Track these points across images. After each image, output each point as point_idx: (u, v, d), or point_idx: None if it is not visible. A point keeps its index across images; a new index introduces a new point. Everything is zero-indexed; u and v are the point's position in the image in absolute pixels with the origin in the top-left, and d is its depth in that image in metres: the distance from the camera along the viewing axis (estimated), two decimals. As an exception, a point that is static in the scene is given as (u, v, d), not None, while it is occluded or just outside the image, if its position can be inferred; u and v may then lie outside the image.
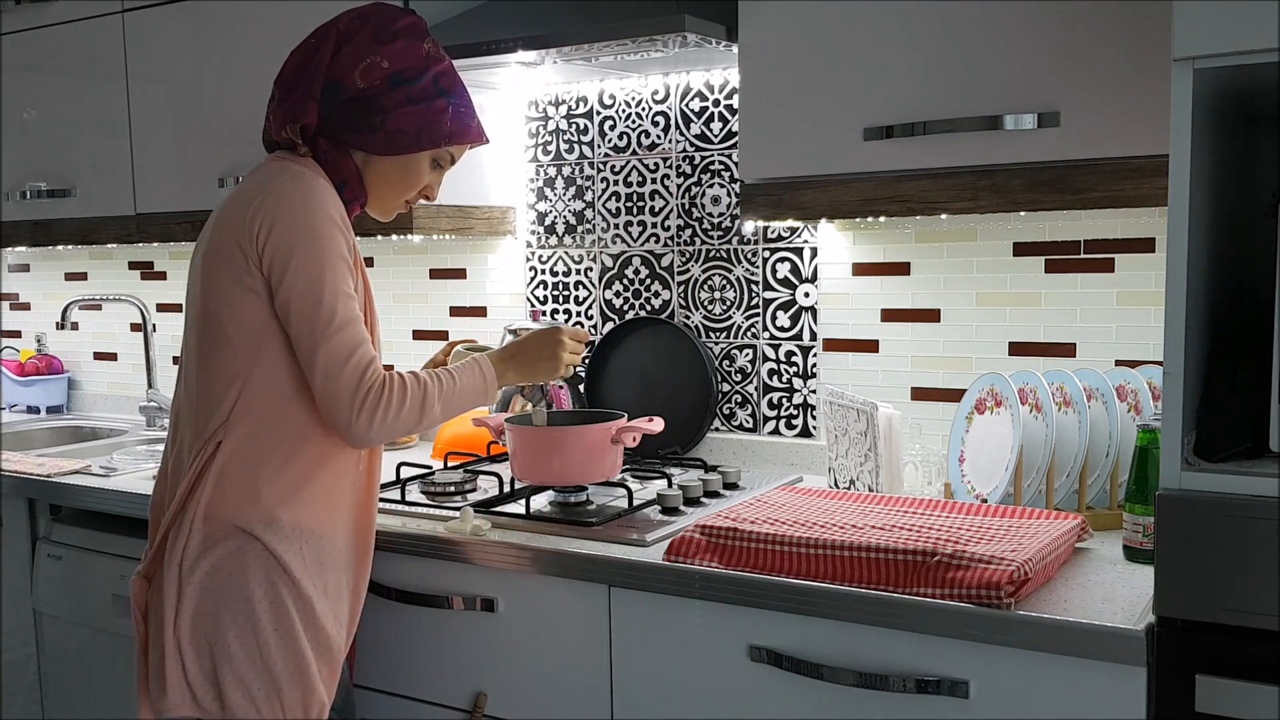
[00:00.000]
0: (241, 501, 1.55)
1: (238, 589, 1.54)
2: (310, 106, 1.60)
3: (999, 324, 2.01)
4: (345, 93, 1.61)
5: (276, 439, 1.57)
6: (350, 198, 1.65)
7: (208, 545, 1.55)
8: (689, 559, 1.59)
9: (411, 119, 1.62)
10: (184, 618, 1.54)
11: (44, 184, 2.73)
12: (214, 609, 1.54)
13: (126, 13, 2.55)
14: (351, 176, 1.64)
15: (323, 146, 1.63)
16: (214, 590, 1.54)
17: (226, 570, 1.54)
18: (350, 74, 1.61)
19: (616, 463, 1.89)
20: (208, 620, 1.54)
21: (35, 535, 2.36)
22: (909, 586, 1.43)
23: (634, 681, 1.64)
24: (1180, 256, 1.24)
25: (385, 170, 1.66)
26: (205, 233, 1.62)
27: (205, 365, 1.59)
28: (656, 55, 2.01)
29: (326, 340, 1.51)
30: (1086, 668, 1.32)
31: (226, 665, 1.53)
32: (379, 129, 1.61)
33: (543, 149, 2.46)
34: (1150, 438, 1.54)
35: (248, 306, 1.55)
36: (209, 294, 1.58)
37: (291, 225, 1.52)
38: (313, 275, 1.52)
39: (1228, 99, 1.32)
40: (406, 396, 1.56)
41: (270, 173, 1.59)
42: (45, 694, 2.38)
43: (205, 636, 1.54)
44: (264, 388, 1.56)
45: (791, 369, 2.22)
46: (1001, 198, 1.62)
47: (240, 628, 1.53)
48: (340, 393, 1.52)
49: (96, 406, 3.30)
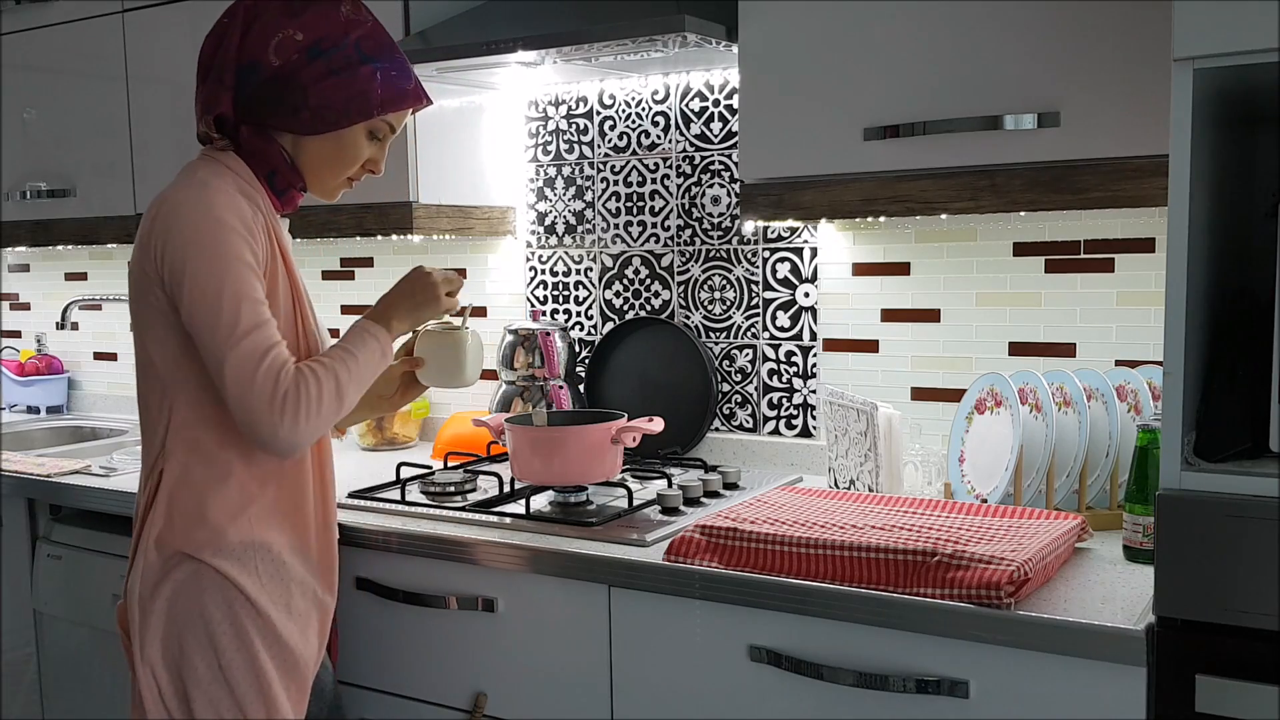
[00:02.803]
0: (190, 527, 1.51)
1: (196, 614, 1.51)
2: (223, 96, 1.51)
3: (999, 324, 2.01)
4: (260, 74, 1.50)
5: (214, 459, 1.52)
6: (284, 186, 1.58)
7: (164, 573, 1.52)
8: (689, 559, 1.59)
9: (336, 92, 1.51)
10: (151, 645, 1.52)
11: (44, 184, 2.73)
12: (178, 634, 1.52)
13: (126, 13, 2.55)
14: (280, 164, 1.55)
15: (245, 136, 1.54)
16: (175, 616, 1.51)
17: (184, 596, 1.51)
18: (263, 52, 1.50)
19: (616, 463, 1.89)
20: (173, 645, 1.52)
21: (35, 535, 2.36)
22: (909, 586, 1.43)
23: (634, 681, 1.64)
24: (1180, 256, 1.24)
25: (317, 150, 1.56)
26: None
27: (141, 394, 1.57)
28: (656, 55, 2.01)
29: (232, 349, 1.42)
30: (1086, 668, 1.32)
31: (196, 688, 1.51)
32: (302, 108, 1.51)
33: (543, 149, 2.46)
34: (1150, 438, 1.54)
35: (161, 329, 1.49)
36: (132, 316, 1.54)
37: (183, 237, 1.44)
38: (209, 286, 1.43)
39: (1228, 99, 1.32)
40: (323, 388, 1.47)
41: (177, 179, 1.53)
42: (45, 694, 2.38)
43: (173, 662, 1.52)
44: (191, 410, 1.51)
45: (791, 369, 2.22)
46: (1001, 198, 1.62)
47: (203, 651, 1.51)
48: (256, 403, 1.43)
49: (96, 406, 3.30)
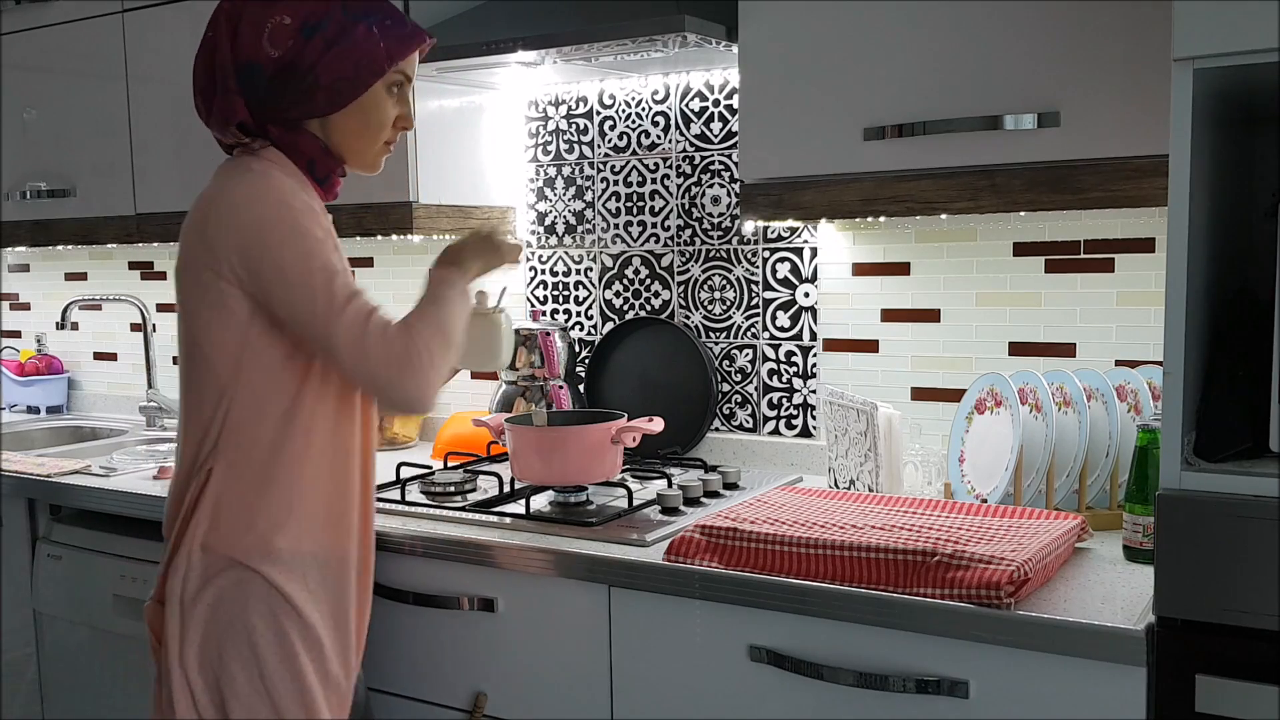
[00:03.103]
0: (238, 532, 1.49)
1: (239, 622, 1.48)
2: (236, 103, 1.49)
3: (999, 324, 2.01)
4: (264, 71, 1.48)
5: (267, 462, 1.50)
6: (324, 173, 1.56)
7: (207, 578, 1.50)
8: (689, 559, 1.59)
9: (342, 61, 1.48)
10: (189, 649, 1.49)
11: (44, 184, 2.73)
12: (218, 642, 1.49)
13: (126, 13, 2.54)
14: (316, 152, 1.54)
15: (275, 134, 1.52)
16: (217, 623, 1.49)
17: (227, 603, 1.49)
18: (259, 49, 1.47)
19: (616, 463, 1.89)
20: (212, 652, 1.49)
21: (35, 535, 2.35)
22: (909, 586, 1.43)
23: (634, 681, 1.64)
24: (1180, 256, 1.24)
25: (346, 125, 1.54)
26: (179, 246, 1.55)
27: (190, 388, 1.54)
28: (656, 55, 2.01)
29: (337, 321, 1.42)
30: (1086, 668, 1.32)
31: (234, 699, 1.49)
32: (316, 89, 1.49)
33: (543, 149, 2.46)
34: (1150, 438, 1.54)
35: (221, 328, 1.48)
36: (185, 314, 1.52)
37: (257, 228, 1.44)
38: (297, 268, 1.43)
39: (1228, 99, 1.32)
40: (431, 335, 1.46)
41: (223, 178, 1.52)
42: (45, 694, 2.38)
43: (211, 668, 1.49)
44: (248, 408, 1.49)
45: (791, 369, 2.22)
46: (1001, 198, 1.62)
47: (244, 661, 1.48)
48: (375, 365, 1.43)
49: (96, 406, 3.30)
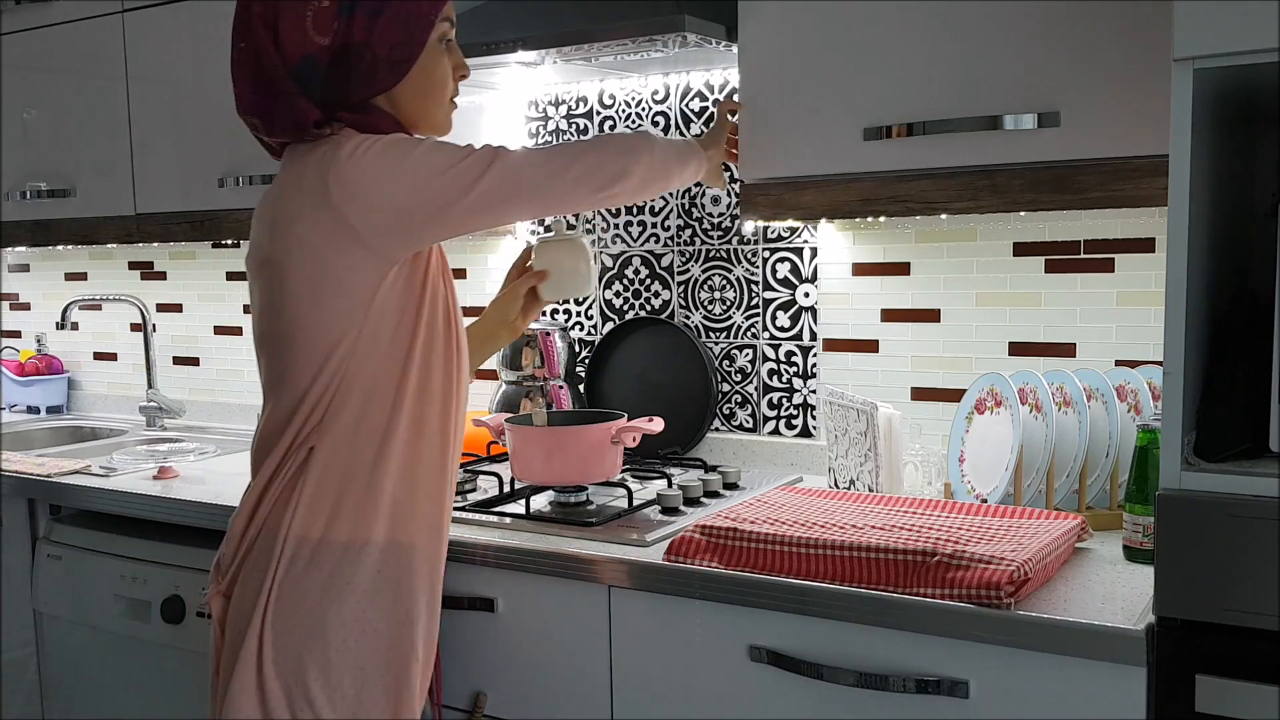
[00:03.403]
0: (334, 521, 1.43)
1: (320, 618, 1.42)
2: (301, 105, 1.42)
3: (999, 324, 2.01)
4: (318, 61, 1.42)
5: (375, 447, 1.44)
6: None
7: (290, 567, 1.42)
8: (689, 559, 1.59)
9: (392, 26, 1.43)
10: (267, 647, 1.42)
11: (44, 184, 2.73)
12: (297, 637, 1.42)
13: (126, 13, 2.54)
14: (392, 127, 1.48)
15: (348, 120, 1.45)
16: (297, 616, 1.42)
17: (310, 598, 1.42)
18: (305, 42, 1.41)
19: (616, 463, 1.89)
20: (292, 651, 1.42)
21: (35, 535, 2.35)
22: (909, 586, 1.43)
23: (634, 681, 1.64)
24: (1180, 256, 1.24)
25: (413, 92, 1.48)
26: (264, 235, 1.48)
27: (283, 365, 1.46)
28: (656, 55, 2.01)
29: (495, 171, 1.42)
30: (1086, 668, 1.32)
31: (302, 696, 1.42)
32: (377, 63, 1.43)
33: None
34: (1150, 438, 1.54)
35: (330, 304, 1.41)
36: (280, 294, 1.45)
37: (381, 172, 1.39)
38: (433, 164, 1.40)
39: (1228, 99, 1.32)
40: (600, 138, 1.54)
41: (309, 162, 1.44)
42: (45, 694, 2.38)
43: (286, 664, 1.42)
44: (356, 390, 1.43)
45: (791, 369, 2.22)
46: (1001, 198, 1.62)
47: (321, 659, 1.42)
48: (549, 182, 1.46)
49: (96, 406, 3.30)
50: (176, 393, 3.08)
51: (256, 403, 2.91)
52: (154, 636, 2.12)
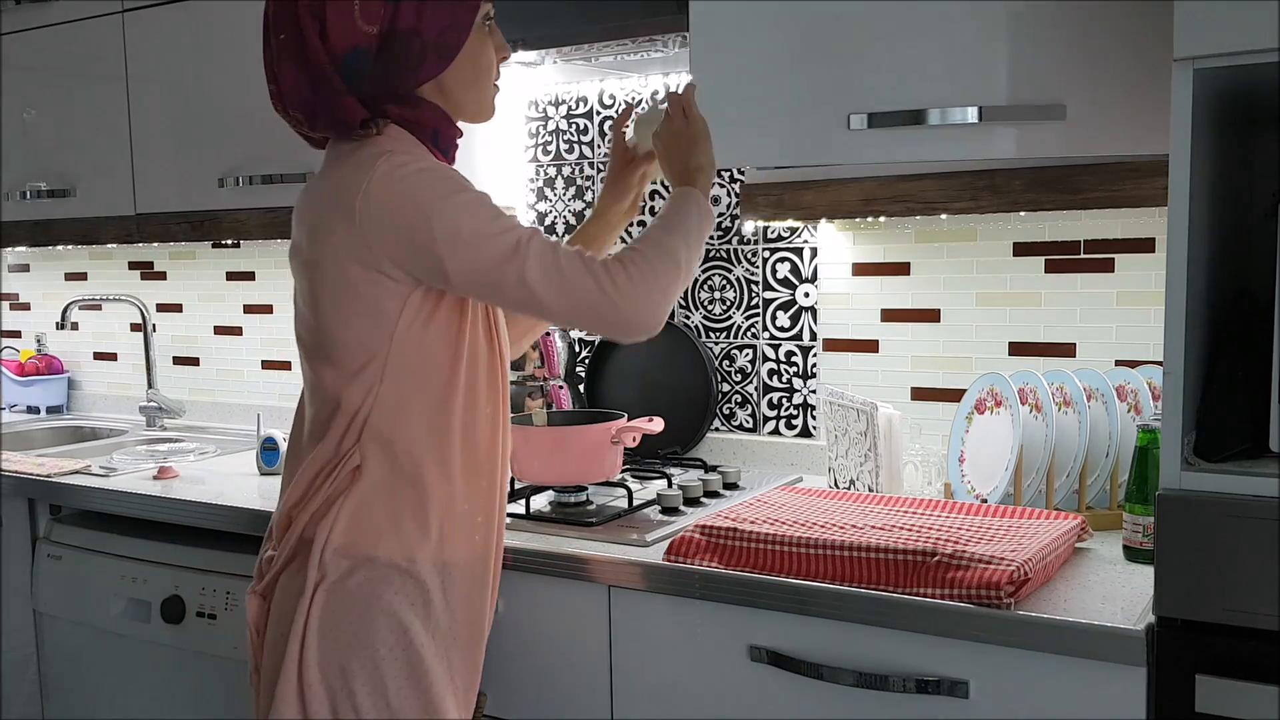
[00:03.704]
0: (379, 538, 1.40)
1: (370, 631, 1.39)
2: (347, 103, 1.39)
3: (999, 324, 2.01)
4: (367, 52, 1.39)
5: (418, 463, 1.41)
6: (448, 142, 1.49)
7: (340, 581, 1.40)
8: (689, 559, 1.59)
9: (439, 11, 1.40)
10: (310, 654, 1.39)
11: (44, 184, 2.73)
12: (342, 650, 1.39)
13: (126, 13, 2.54)
14: (438, 118, 1.46)
15: (394, 113, 1.43)
16: (344, 629, 1.39)
17: (359, 610, 1.39)
18: (355, 32, 1.38)
19: (616, 463, 1.89)
20: (335, 660, 1.39)
21: (35, 535, 2.35)
22: (909, 586, 1.43)
23: (634, 681, 1.64)
24: (1180, 256, 1.24)
25: (460, 77, 1.46)
26: (303, 237, 1.46)
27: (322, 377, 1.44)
28: (656, 55, 2.01)
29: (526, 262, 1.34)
30: (1086, 668, 1.32)
31: (354, 712, 1.39)
32: (426, 49, 1.40)
33: (542, 149, 2.46)
34: (1150, 438, 1.54)
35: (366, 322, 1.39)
36: (316, 305, 1.43)
37: (413, 210, 1.35)
38: (463, 227, 1.34)
39: (1228, 99, 1.32)
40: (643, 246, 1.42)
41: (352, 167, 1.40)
42: (45, 694, 2.38)
43: (333, 677, 1.39)
44: (395, 407, 1.40)
45: (791, 369, 2.22)
46: (1001, 198, 1.62)
47: (371, 674, 1.39)
48: (584, 292, 1.36)
49: (96, 406, 3.30)
50: (176, 393, 3.08)
51: (256, 403, 2.93)
52: (154, 636, 2.12)
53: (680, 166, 1.58)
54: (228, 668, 2.03)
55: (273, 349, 2.93)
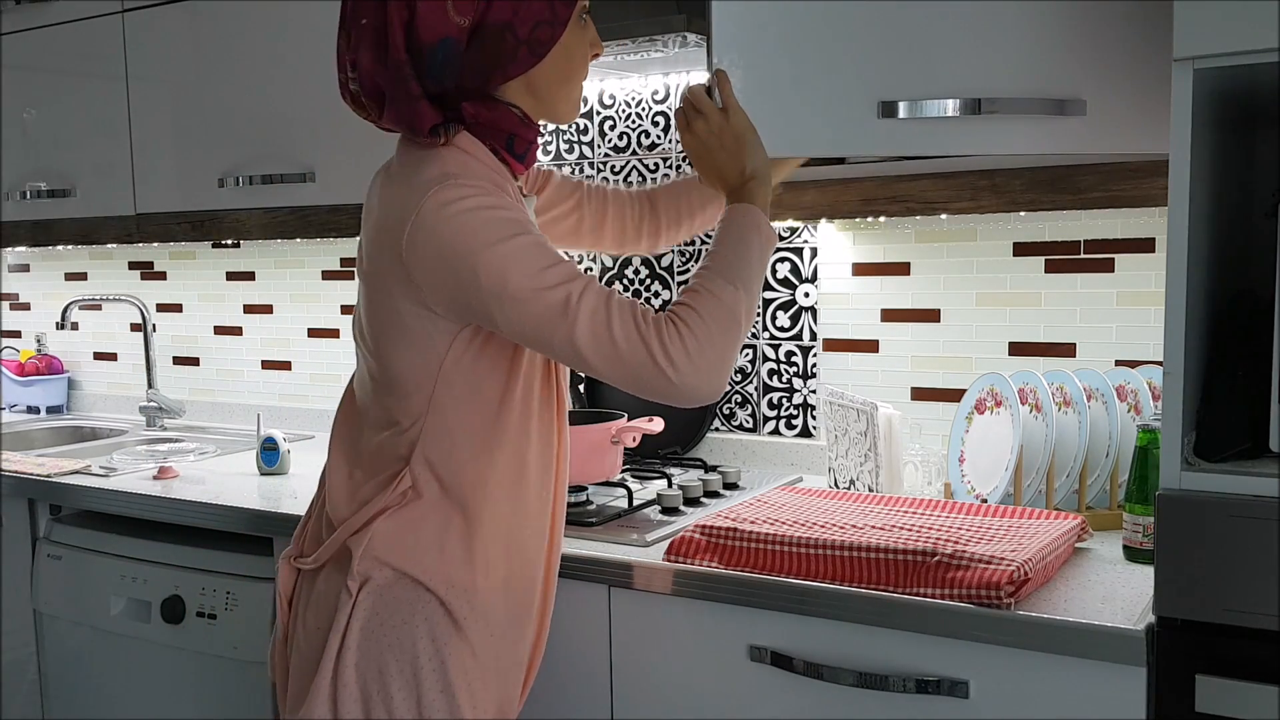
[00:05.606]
0: (424, 552, 1.38)
1: (408, 643, 1.37)
2: (421, 109, 1.33)
3: (999, 324, 2.01)
4: (455, 46, 1.31)
5: (470, 485, 1.38)
6: (525, 146, 1.40)
7: (383, 587, 1.38)
8: (689, 559, 1.59)
9: (536, 3, 1.33)
10: (348, 651, 1.37)
11: (44, 184, 2.73)
12: (380, 655, 1.36)
13: (126, 13, 2.54)
14: (515, 123, 1.38)
15: (471, 113, 1.35)
16: (383, 634, 1.37)
17: (399, 619, 1.37)
18: (446, 24, 1.30)
19: (616, 463, 1.89)
20: (372, 663, 1.37)
21: (35, 535, 2.35)
22: (909, 586, 1.43)
23: (634, 681, 1.64)
24: (1180, 256, 1.24)
25: (550, 74, 1.38)
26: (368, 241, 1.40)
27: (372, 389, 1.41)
28: (656, 55, 2.01)
29: (576, 324, 1.26)
30: (1086, 668, 1.32)
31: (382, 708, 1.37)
32: (520, 44, 1.33)
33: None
34: (1150, 438, 1.54)
35: (411, 351, 1.36)
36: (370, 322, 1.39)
37: (451, 258, 1.28)
38: (511, 283, 1.26)
39: (1228, 99, 1.32)
40: (698, 303, 1.30)
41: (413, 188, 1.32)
42: (45, 694, 2.38)
43: (369, 678, 1.37)
44: (444, 434, 1.37)
45: (791, 369, 2.22)
46: (1001, 198, 1.62)
47: (406, 681, 1.36)
48: (635, 359, 1.27)
49: (96, 406, 3.30)
50: (176, 393, 3.08)
51: (256, 403, 2.93)
52: (154, 636, 2.12)
53: (731, 176, 1.45)
54: (228, 668, 2.03)
55: (273, 349, 2.94)
